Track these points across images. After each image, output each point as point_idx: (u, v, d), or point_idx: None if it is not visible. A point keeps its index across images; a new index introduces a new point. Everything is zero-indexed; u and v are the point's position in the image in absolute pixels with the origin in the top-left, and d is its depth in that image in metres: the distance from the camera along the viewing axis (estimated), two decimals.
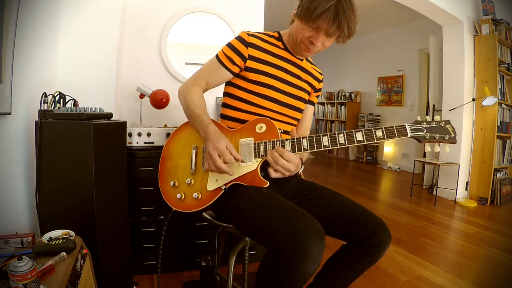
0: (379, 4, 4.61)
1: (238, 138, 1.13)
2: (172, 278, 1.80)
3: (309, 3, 1.04)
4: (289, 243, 0.84)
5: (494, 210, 3.33)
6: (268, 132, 1.10)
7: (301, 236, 0.84)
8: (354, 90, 6.69)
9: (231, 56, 1.17)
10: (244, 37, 1.18)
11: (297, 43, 1.15)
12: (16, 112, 1.10)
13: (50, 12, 1.43)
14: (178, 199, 1.14)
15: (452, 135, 1.03)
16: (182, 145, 1.21)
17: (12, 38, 1.04)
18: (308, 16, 1.05)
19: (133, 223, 1.70)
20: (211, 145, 1.06)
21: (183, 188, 1.15)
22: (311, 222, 0.89)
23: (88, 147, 1.12)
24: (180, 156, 1.20)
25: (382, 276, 1.88)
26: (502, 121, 3.62)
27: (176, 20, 2.16)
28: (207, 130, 1.10)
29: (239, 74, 1.19)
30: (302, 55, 1.21)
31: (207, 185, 1.10)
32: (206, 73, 1.22)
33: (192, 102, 1.16)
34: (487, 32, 3.55)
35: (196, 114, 1.14)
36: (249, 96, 1.19)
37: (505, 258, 2.17)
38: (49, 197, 1.14)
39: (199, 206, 1.10)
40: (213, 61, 1.21)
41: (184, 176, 1.16)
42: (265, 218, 0.93)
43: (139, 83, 1.98)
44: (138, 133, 1.72)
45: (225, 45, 1.21)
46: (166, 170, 1.21)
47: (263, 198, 1.01)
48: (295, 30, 1.14)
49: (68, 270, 0.84)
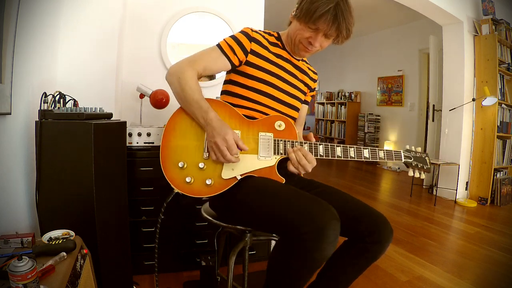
0: (379, 4, 4.61)
1: (257, 131, 1.13)
2: (172, 278, 1.80)
3: (309, 5, 1.08)
4: (309, 227, 0.87)
5: (494, 210, 3.33)
6: (287, 131, 1.15)
7: (320, 219, 0.87)
8: (354, 90, 6.69)
9: (234, 47, 1.15)
10: (248, 31, 1.19)
11: (296, 43, 1.18)
12: (16, 112, 1.10)
13: (50, 12, 1.43)
14: (187, 182, 1.06)
15: (428, 166, 1.26)
16: (189, 124, 1.11)
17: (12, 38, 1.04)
18: (308, 17, 1.09)
19: (133, 223, 1.70)
20: (218, 136, 1.02)
21: (193, 172, 1.07)
22: (326, 205, 0.92)
23: (88, 147, 1.12)
24: (188, 136, 1.10)
25: (382, 276, 1.88)
26: (502, 121, 3.62)
27: (176, 20, 2.16)
28: (207, 117, 1.05)
29: (238, 69, 1.19)
30: (300, 55, 1.25)
31: (222, 173, 1.07)
32: (205, 58, 1.15)
33: (187, 85, 1.08)
34: (487, 32, 3.55)
35: (193, 99, 1.07)
36: (248, 93, 1.18)
37: (505, 258, 2.17)
38: (49, 197, 1.14)
39: (210, 193, 1.07)
40: (213, 49, 1.16)
41: (195, 159, 1.08)
42: (282, 205, 0.95)
43: (139, 83, 1.98)
44: (138, 133, 1.72)
45: (228, 36, 1.19)
46: (171, 147, 1.10)
47: (275, 188, 1.03)
48: (294, 31, 1.16)
49: (68, 270, 0.84)
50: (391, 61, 5.80)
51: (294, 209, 0.92)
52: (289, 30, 1.21)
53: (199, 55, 1.16)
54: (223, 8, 2.25)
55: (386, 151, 1.18)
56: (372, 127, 6.09)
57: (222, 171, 1.07)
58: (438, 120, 4.13)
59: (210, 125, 1.04)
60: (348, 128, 6.53)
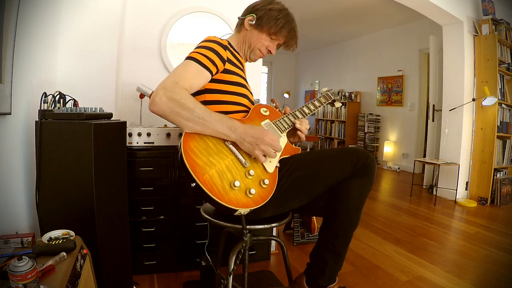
0: (379, 4, 4.61)
1: (258, 122, 1.22)
2: (172, 278, 1.80)
3: (269, 17, 1.25)
4: (365, 157, 1.19)
5: (494, 210, 3.33)
6: (273, 112, 1.29)
7: (364, 150, 1.23)
8: (354, 90, 6.69)
9: (213, 58, 1.15)
10: (219, 40, 1.21)
11: (253, 49, 1.31)
12: (16, 112, 1.10)
13: (50, 12, 1.43)
14: (251, 195, 1.02)
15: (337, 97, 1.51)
16: (211, 148, 1.05)
17: (12, 38, 1.04)
18: (272, 29, 1.26)
19: (133, 223, 1.70)
20: (263, 139, 1.05)
21: (247, 183, 1.05)
22: (352, 148, 1.24)
23: (88, 147, 1.12)
24: (217, 159, 1.04)
25: (382, 276, 1.88)
26: (502, 121, 3.62)
27: (176, 20, 2.16)
28: (234, 125, 1.05)
29: (213, 78, 1.19)
30: (252, 60, 1.36)
31: (268, 169, 1.11)
32: (187, 76, 1.09)
33: (193, 104, 1.02)
34: (487, 32, 3.55)
35: (210, 115, 1.03)
36: (229, 97, 1.22)
37: (505, 258, 2.17)
38: (49, 197, 1.14)
39: (271, 190, 1.09)
40: (191, 64, 1.11)
41: (240, 173, 1.05)
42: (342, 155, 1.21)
43: (139, 83, 1.98)
44: (138, 133, 1.72)
45: (201, 48, 1.16)
46: (215, 178, 1.00)
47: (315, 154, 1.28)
48: (254, 39, 1.29)
49: (68, 270, 0.84)
50: (391, 61, 5.80)
51: (346, 155, 1.20)
52: (244, 36, 1.31)
53: (178, 74, 1.08)
54: (223, 8, 2.25)
55: (317, 99, 1.41)
56: (372, 127, 6.10)
57: (266, 167, 1.11)
58: (438, 120, 4.14)
59: (245, 133, 1.05)
60: (348, 128, 6.53)
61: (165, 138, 1.77)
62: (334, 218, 1.24)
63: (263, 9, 1.27)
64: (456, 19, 3.55)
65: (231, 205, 0.98)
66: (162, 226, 1.79)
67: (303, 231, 2.38)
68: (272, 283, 1.79)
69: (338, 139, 6.88)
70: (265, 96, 8.94)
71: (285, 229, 2.58)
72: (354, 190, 1.21)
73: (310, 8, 4.91)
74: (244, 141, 1.05)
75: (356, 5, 4.69)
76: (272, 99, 2.39)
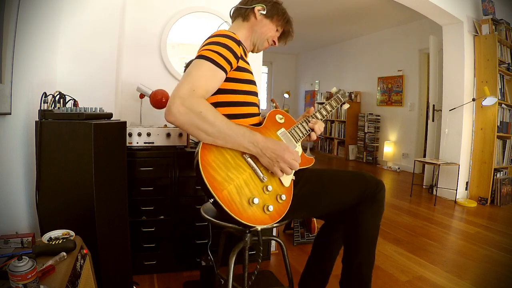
0: (379, 4, 4.61)
1: (274, 131, 1.19)
2: (172, 278, 1.80)
3: (277, 9, 1.25)
4: (375, 184, 1.22)
5: (494, 210, 3.33)
6: (287, 120, 1.25)
7: (374, 177, 1.26)
8: (354, 90, 6.68)
9: (228, 56, 1.06)
10: (232, 35, 1.12)
11: (262, 40, 1.27)
12: (16, 112, 1.10)
13: (50, 12, 1.43)
14: (269, 212, 1.01)
15: (346, 98, 1.47)
16: (229, 162, 1.01)
17: (12, 38, 1.04)
18: (282, 18, 1.25)
19: (133, 223, 1.70)
20: (284, 154, 1.02)
21: (265, 199, 1.03)
22: (363, 172, 1.29)
23: (88, 147, 1.12)
24: (235, 174, 1.00)
25: (382, 276, 1.88)
26: (502, 121, 3.62)
27: (176, 20, 2.16)
28: (257, 140, 1.00)
29: (227, 76, 1.12)
30: (258, 51, 1.32)
31: (284, 183, 1.09)
32: (203, 80, 1.01)
33: (215, 116, 0.96)
34: (487, 32, 3.55)
35: (231, 128, 0.98)
36: (242, 97, 1.17)
37: (505, 258, 2.17)
38: (49, 197, 1.14)
39: (287, 204, 1.08)
40: (205, 65, 1.02)
41: (258, 189, 1.02)
42: (351, 180, 1.25)
43: (139, 83, 1.98)
44: (138, 133, 1.72)
45: (214, 44, 1.06)
46: (234, 194, 0.97)
47: (327, 174, 1.28)
48: (264, 29, 1.25)
49: (68, 270, 0.84)
50: (391, 61, 5.80)
51: (356, 180, 1.24)
52: (254, 26, 1.25)
53: (194, 80, 0.99)
54: (223, 8, 2.25)
55: (329, 103, 1.38)
56: (372, 127, 6.09)
57: (283, 181, 1.09)
58: (438, 120, 4.13)
59: (265, 148, 1.01)
60: (348, 128, 6.53)
61: (165, 138, 1.77)
62: (355, 252, 1.25)
63: (269, 1, 1.25)
64: (456, 19, 3.55)
65: (249, 223, 0.96)
66: (162, 226, 1.79)
67: (303, 231, 2.38)
68: (272, 283, 1.79)
69: (338, 139, 6.88)
70: (265, 96, 8.94)
71: (285, 229, 2.58)
72: (368, 221, 1.22)
73: (310, 8, 4.90)
74: (265, 155, 1.01)
75: (356, 5, 4.68)
76: (272, 99, 2.40)
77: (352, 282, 1.27)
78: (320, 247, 1.41)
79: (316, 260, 1.41)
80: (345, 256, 1.29)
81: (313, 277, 1.40)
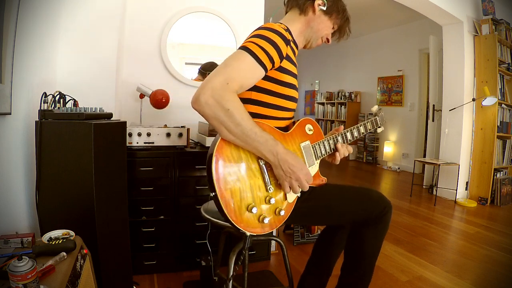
0: (379, 4, 4.61)
1: (298, 143, 1.11)
2: (172, 278, 1.80)
3: (338, 6, 1.17)
4: (384, 204, 1.17)
5: (494, 210, 3.33)
6: (316, 133, 1.19)
7: (383, 196, 1.20)
8: (354, 90, 6.69)
9: (272, 54, 0.97)
10: (282, 32, 1.02)
11: (316, 37, 1.19)
12: (16, 112, 1.10)
13: (50, 12, 1.43)
14: (263, 223, 0.97)
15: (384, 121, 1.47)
16: (243, 162, 0.97)
17: (12, 38, 1.04)
18: (342, 17, 1.19)
19: (133, 223, 1.70)
20: (299, 172, 0.97)
21: (264, 210, 0.99)
22: (372, 190, 1.24)
23: (88, 147, 1.12)
24: (246, 175, 0.96)
25: (382, 276, 1.88)
26: (502, 121, 3.62)
27: (176, 20, 2.16)
28: (277, 151, 0.94)
29: (266, 75, 1.03)
30: (310, 48, 1.24)
31: (288, 198, 1.05)
32: (240, 73, 0.94)
33: (241, 117, 0.90)
34: (487, 32, 3.55)
35: (255, 132, 0.92)
36: (278, 101, 1.08)
37: (505, 258, 2.17)
38: (49, 197, 1.14)
39: (283, 220, 1.04)
40: (246, 58, 0.94)
41: (261, 197, 0.98)
42: (356, 201, 1.20)
43: (139, 83, 1.98)
44: (138, 133, 1.72)
45: (260, 38, 0.97)
46: (235, 196, 0.94)
47: (338, 190, 1.23)
48: (321, 25, 1.17)
49: (68, 270, 0.84)
50: (391, 61, 5.80)
51: (364, 200, 1.19)
52: (311, 21, 1.16)
53: (229, 71, 0.93)
54: (223, 8, 2.25)
55: (363, 125, 1.33)
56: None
57: (288, 197, 1.05)
58: (438, 120, 4.14)
59: (284, 161, 0.95)
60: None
61: (165, 138, 1.77)
62: (355, 267, 1.25)
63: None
64: (456, 19, 3.55)
65: (240, 227, 0.94)
66: (162, 226, 1.79)
67: (303, 231, 2.38)
68: (272, 283, 1.79)
69: None
70: None
71: (285, 229, 2.58)
72: (371, 241, 1.21)
73: None
74: (280, 167, 0.96)
75: (356, 5, 4.68)
76: None
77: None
78: (321, 250, 1.40)
79: (316, 263, 1.40)
80: (344, 267, 1.28)
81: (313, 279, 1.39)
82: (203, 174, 1.83)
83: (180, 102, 2.15)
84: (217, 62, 2.27)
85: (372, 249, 1.22)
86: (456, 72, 3.64)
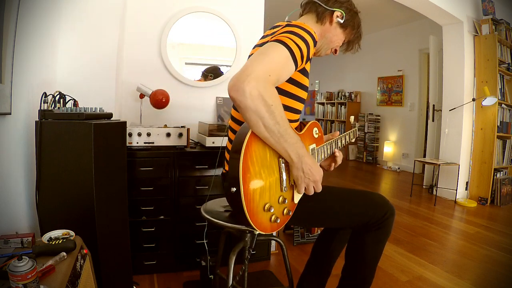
0: (379, 4, 4.61)
1: (307, 145, 1.12)
2: (172, 278, 1.80)
3: (354, 22, 1.18)
4: (386, 209, 1.16)
5: (494, 210, 3.33)
6: (320, 137, 1.20)
7: (386, 201, 1.19)
8: (354, 90, 6.69)
9: (304, 54, 0.95)
10: (313, 34, 1.00)
11: (327, 48, 1.20)
12: (16, 112, 1.10)
13: (50, 12, 1.43)
14: (273, 223, 0.96)
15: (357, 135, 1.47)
16: (266, 159, 0.94)
17: (12, 38, 1.04)
18: (352, 35, 1.20)
19: (133, 223, 1.70)
20: (317, 175, 0.97)
21: (276, 209, 0.97)
22: (375, 194, 1.22)
23: (88, 147, 1.12)
24: (266, 173, 0.93)
25: (382, 276, 1.88)
26: (502, 121, 3.62)
27: (176, 20, 2.16)
28: (302, 153, 0.93)
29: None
30: (318, 56, 1.25)
31: (295, 198, 1.05)
32: (278, 67, 0.89)
33: (280, 114, 0.86)
34: (487, 32, 3.55)
35: (288, 133, 0.89)
36: (293, 103, 1.08)
37: (505, 258, 2.17)
38: (49, 197, 1.14)
39: (287, 219, 1.04)
40: (284, 53, 0.90)
41: (275, 196, 0.97)
42: (357, 205, 1.18)
43: (139, 83, 1.98)
44: (138, 133, 1.72)
45: (296, 35, 0.94)
46: (256, 193, 0.90)
47: (340, 192, 1.21)
48: (335, 37, 1.18)
49: (68, 270, 0.84)
50: (391, 61, 5.80)
51: (367, 204, 1.18)
52: (327, 31, 1.16)
53: (271, 62, 0.87)
54: (223, 8, 2.25)
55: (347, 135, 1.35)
56: (372, 127, 6.09)
57: (295, 197, 1.05)
58: (438, 120, 4.13)
59: (306, 163, 0.94)
60: (348, 128, 6.53)
61: (165, 138, 1.77)
62: (356, 271, 1.26)
63: (350, 10, 1.17)
64: (456, 19, 3.55)
65: (255, 225, 0.91)
66: (162, 226, 1.79)
67: (303, 231, 2.38)
68: (272, 283, 1.79)
69: None
70: None
71: (285, 229, 2.58)
72: (372, 245, 1.20)
73: None
74: (301, 169, 0.94)
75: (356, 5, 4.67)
76: None
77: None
78: (320, 250, 1.40)
79: (316, 263, 1.40)
80: (345, 270, 1.29)
81: (312, 279, 1.40)
82: (203, 174, 1.83)
83: (180, 102, 2.15)
84: (218, 62, 2.28)
85: (373, 253, 1.22)
86: (456, 72, 3.64)
